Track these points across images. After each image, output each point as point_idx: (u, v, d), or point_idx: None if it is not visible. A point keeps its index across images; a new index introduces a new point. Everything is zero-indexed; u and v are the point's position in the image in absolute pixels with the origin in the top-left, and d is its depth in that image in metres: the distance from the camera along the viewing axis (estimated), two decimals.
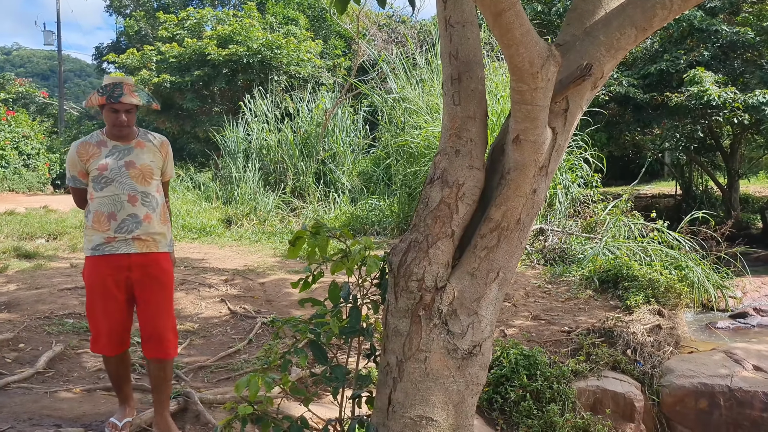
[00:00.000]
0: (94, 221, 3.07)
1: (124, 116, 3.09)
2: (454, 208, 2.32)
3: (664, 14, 2.20)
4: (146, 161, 3.16)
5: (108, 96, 3.04)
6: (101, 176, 3.07)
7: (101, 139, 3.17)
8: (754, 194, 14.06)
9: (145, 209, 3.10)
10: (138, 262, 3.08)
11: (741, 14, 12.15)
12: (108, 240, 3.05)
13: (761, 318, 6.50)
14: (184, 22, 16.53)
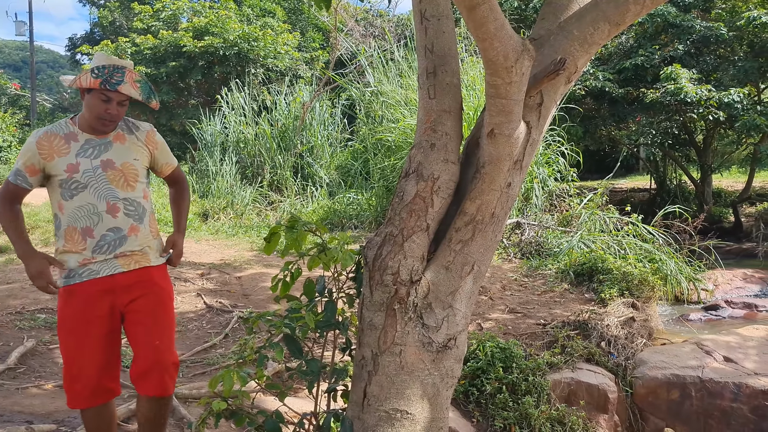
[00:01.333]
0: (66, 240, 2.48)
1: (116, 108, 2.50)
2: (429, 202, 2.32)
3: (636, 9, 2.21)
4: (128, 159, 2.57)
5: (104, 80, 2.45)
6: (71, 180, 2.46)
7: (71, 130, 2.53)
8: (726, 188, 14.30)
9: (130, 220, 2.53)
10: (125, 284, 2.52)
11: (714, 11, 12.31)
12: (84, 262, 2.47)
13: (732, 310, 6.63)
14: (159, 13, 16.31)
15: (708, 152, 12.67)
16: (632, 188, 15.55)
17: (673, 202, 10.66)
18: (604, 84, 11.10)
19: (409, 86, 10.11)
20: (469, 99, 8.88)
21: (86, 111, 2.52)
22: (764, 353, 4.65)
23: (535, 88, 2.23)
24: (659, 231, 7.82)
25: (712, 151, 13.04)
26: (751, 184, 12.58)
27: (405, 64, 10.69)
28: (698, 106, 10.01)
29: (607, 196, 9.36)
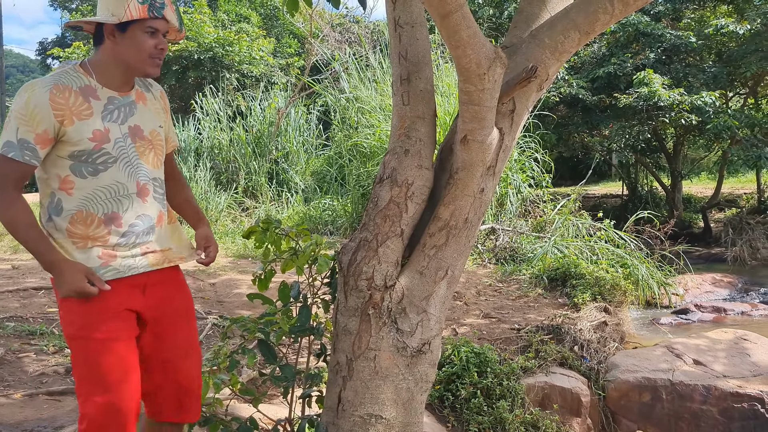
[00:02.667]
0: (74, 229, 1.93)
1: (165, 42, 1.99)
2: (403, 207, 2.34)
3: (605, 18, 2.26)
4: (155, 126, 2.08)
5: (150, 5, 1.92)
6: (98, 152, 1.92)
7: (87, 83, 1.94)
8: (696, 194, 14.56)
9: (159, 206, 2.08)
10: (156, 281, 2.06)
11: (683, 20, 12.56)
12: (106, 257, 1.95)
13: (701, 314, 6.75)
14: None
15: (678, 159, 12.89)
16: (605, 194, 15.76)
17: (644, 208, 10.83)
18: (578, 91, 11.25)
19: (384, 92, 10.15)
20: (444, 105, 8.94)
21: (123, 56, 1.96)
22: (732, 356, 4.74)
23: (508, 95, 2.26)
24: (631, 236, 7.93)
25: (682, 157, 13.27)
26: (720, 191, 12.83)
27: (380, 70, 10.73)
28: (670, 110, 10.19)
29: (580, 202, 9.48)
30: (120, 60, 1.96)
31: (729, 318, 6.70)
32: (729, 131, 9.92)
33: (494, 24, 12.55)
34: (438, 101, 9.02)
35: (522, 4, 2.54)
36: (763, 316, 6.78)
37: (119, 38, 1.94)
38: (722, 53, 11.63)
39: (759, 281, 8.60)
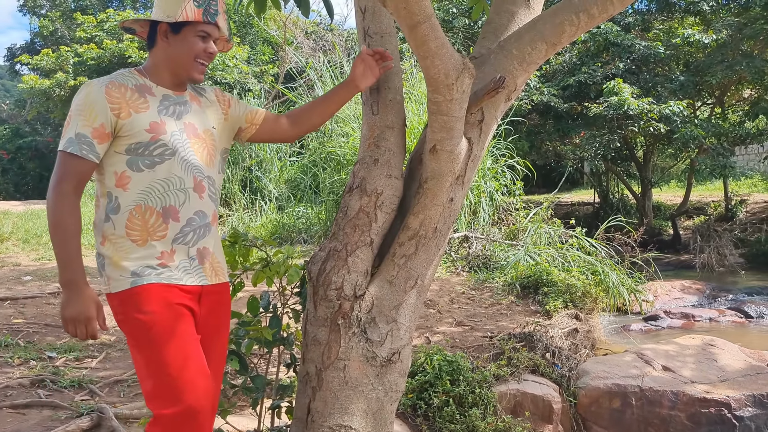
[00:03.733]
0: (131, 225, 1.91)
1: (214, 47, 2.04)
2: (372, 217, 2.33)
3: (572, 30, 2.29)
4: (208, 126, 2.09)
5: (205, 10, 1.98)
6: (155, 144, 1.91)
7: (142, 82, 1.98)
8: (665, 202, 14.80)
9: (213, 206, 2.06)
10: (210, 295, 2.04)
11: (652, 30, 12.80)
12: (163, 257, 1.93)
13: (671, 320, 6.84)
14: (103, 23, 15.98)
15: (648, 167, 13.10)
16: (577, 202, 15.94)
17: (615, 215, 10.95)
18: (550, 99, 11.38)
19: (358, 101, 10.16)
20: (419, 113, 8.97)
21: (173, 57, 1.99)
22: (700, 362, 4.81)
23: (476, 105, 2.28)
24: (602, 244, 8.02)
25: (651, 165, 13.49)
26: (689, 198, 13.06)
27: None
28: (640, 119, 10.36)
29: (553, 210, 9.58)
30: (170, 61, 2.01)
31: (697, 324, 6.81)
32: (696, 140, 10.11)
33: (468, 33, 12.65)
34: (412, 109, 9.08)
35: (491, 16, 2.56)
36: (730, 322, 6.90)
37: (171, 39, 2.00)
38: (690, 63, 11.88)
39: (726, 288, 8.76)
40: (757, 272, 10.11)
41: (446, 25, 12.94)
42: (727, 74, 10.64)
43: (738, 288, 8.77)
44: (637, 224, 11.24)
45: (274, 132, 2.30)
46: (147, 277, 1.90)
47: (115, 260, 1.92)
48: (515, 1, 2.50)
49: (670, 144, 11.32)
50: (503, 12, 2.50)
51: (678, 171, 15.83)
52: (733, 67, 10.47)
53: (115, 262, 1.92)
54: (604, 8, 2.25)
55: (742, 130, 11.13)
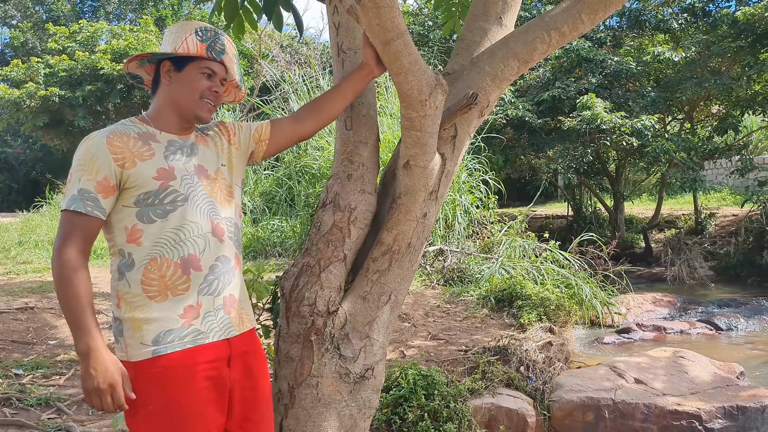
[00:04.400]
0: (148, 282, 1.78)
1: (219, 86, 1.94)
2: (346, 232, 2.33)
3: (543, 48, 2.32)
4: (218, 165, 1.97)
5: (210, 46, 1.90)
6: (165, 191, 1.80)
7: (145, 130, 1.87)
8: (637, 215, 14.99)
9: (234, 249, 1.94)
10: (240, 352, 1.90)
11: (623, 47, 13.03)
12: (187, 313, 1.79)
13: (643, 333, 6.91)
14: (76, 34, 15.82)
15: (620, 181, 13.28)
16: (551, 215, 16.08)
17: (589, 229, 11.11)
18: (524, 114, 11.50)
19: None
20: (393, 128, 9.00)
21: (176, 96, 1.89)
22: (672, 374, 4.86)
23: (449, 121, 2.29)
24: (575, 257, 8.10)
25: (623, 179, 13.68)
26: (660, 212, 13.24)
27: None
28: (612, 133, 10.51)
29: (527, 223, 9.65)
30: (174, 100, 1.90)
31: (669, 337, 6.88)
32: (667, 154, 10.28)
33: (444, 47, 12.76)
34: (388, 123, 9.11)
35: (464, 32, 2.58)
36: (701, 334, 6.99)
37: (175, 77, 1.90)
38: (660, 79, 12.10)
39: (697, 300, 8.88)
40: (727, 285, 10.28)
41: (422, 39, 13.04)
42: (696, 90, 10.85)
43: (708, 300, 8.89)
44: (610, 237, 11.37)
45: (290, 135, 2.17)
46: (170, 345, 1.76)
47: (134, 323, 1.77)
48: (488, 19, 2.52)
49: (641, 158, 11.49)
50: (476, 29, 2.53)
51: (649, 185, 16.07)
52: (702, 84, 10.69)
53: (134, 326, 1.76)
54: (574, 26, 2.29)
55: (710, 145, 11.35)
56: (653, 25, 12.45)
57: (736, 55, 10.48)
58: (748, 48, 10.21)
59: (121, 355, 1.79)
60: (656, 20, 12.34)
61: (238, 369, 1.87)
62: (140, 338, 1.76)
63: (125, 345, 1.78)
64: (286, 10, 3.03)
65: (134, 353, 1.76)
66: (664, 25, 12.19)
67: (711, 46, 10.90)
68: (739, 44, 10.31)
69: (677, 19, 12.21)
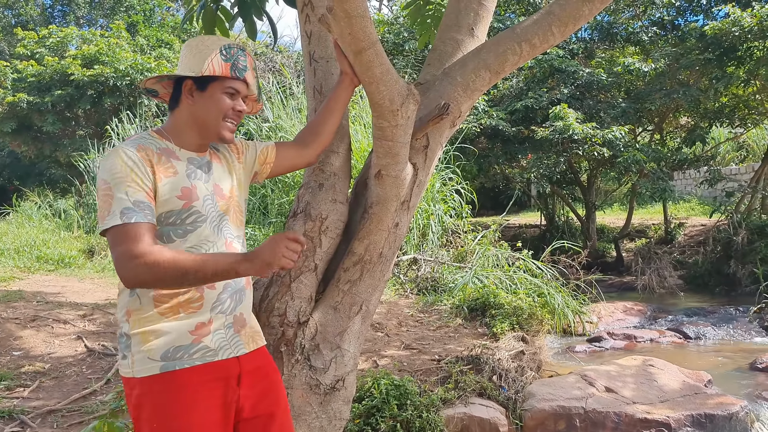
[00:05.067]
0: (161, 301, 1.76)
1: (242, 104, 1.92)
2: (317, 242, 2.31)
3: (514, 59, 2.33)
4: (233, 184, 1.98)
5: (233, 65, 1.87)
6: (188, 211, 1.80)
7: (165, 145, 1.85)
8: (608, 225, 15.18)
9: None
10: (251, 370, 1.88)
11: (595, 58, 13.22)
12: (199, 330, 1.78)
13: (614, 341, 6.97)
14: (45, 39, 15.58)
15: (592, 190, 13.44)
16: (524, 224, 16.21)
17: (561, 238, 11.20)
18: (498, 123, 11.59)
19: None
20: (367, 136, 9.00)
21: (200, 116, 1.87)
22: (641, 382, 4.91)
23: (421, 131, 2.29)
24: (548, 266, 8.15)
25: (595, 189, 13.85)
26: (631, 221, 13.42)
27: (304, 99, 10.72)
28: (584, 143, 10.64)
29: (501, 232, 9.70)
30: (196, 120, 1.87)
31: (639, 345, 6.96)
32: (637, 165, 10.43)
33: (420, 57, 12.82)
34: (363, 133, 9.10)
35: (436, 43, 2.59)
36: (670, 342, 7.07)
37: (197, 97, 1.86)
38: (630, 91, 12.29)
39: (666, 309, 8.99)
40: (695, 294, 10.43)
41: (397, 48, 13.09)
42: (665, 102, 11.04)
43: (677, 309, 9.01)
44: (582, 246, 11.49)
45: (295, 160, 2.18)
46: (179, 361, 1.74)
47: (143, 338, 1.74)
48: (460, 30, 2.54)
49: (612, 168, 11.64)
50: (448, 40, 2.54)
51: (620, 194, 16.29)
52: (671, 96, 10.88)
53: (143, 340, 1.74)
54: (545, 38, 2.31)
55: (679, 156, 11.55)
56: (624, 37, 12.67)
57: (704, 67, 10.69)
58: (715, 61, 10.42)
59: (126, 371, 1.77)
60: (627, 33, 12.56)
61: (250, 386, 1.85)
62: (148, 353, 1.73)
63: (132, 360, 1.75)
64: (258, 18, 3.01)
65: (141, 369, 1.74)
66: (635, 37, 12.42)
67: (680, 58, 11.11)
68: (707, 57, 10.52)
69: (647, 32, 12.44)
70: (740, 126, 12.65)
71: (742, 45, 10.07)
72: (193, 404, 1.73)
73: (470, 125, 11.30)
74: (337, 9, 1.85)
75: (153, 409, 1.72)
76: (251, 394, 1.85)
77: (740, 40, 9.85)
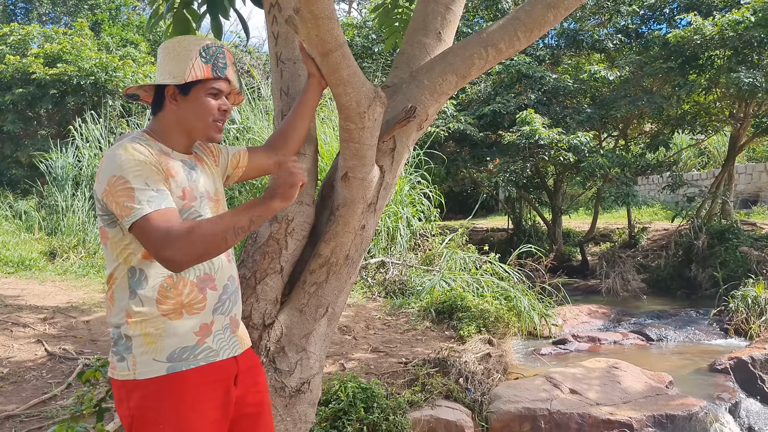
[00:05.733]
0: (166, 297, 1.75)
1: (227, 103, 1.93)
2: (283, 244, 2.30)
3: (480, 64, 2.35)
4: (215, 186, 1.99)
5: (214, 65, 1.86)
6: (189, 210, 1.81)
7: (160, 147, 1.84)
8: (574, 229, 15.39)
9: (235, 269, 1.98)
10: (245, 370, 1.91)
11: (561, 65, 13.42)
12: (202, 331, 1.79)
13: (578, 343, 7.07)
14: (6, 37, 15.22)
15: (558, 195, 13.62)
16: (492, 228, 16.34)
17: (528, 242, 11.32)
18: (466, 127, 11.68)
19: None
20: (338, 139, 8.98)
21: (187, 120, 1.86)
22: (605, 384, 4.98)
23: (388, 133, 2.29)
24: (514, 269, 8.23)
25: (561, 193, 14.03)
26: (596, 225, 13.63)
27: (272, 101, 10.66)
28: (550, 148, 10.78)
29: (468, 236, 9.76)
30: (183, 124, 1.87)
31: (603, 347, 7.06)
32: (602, 170, 10.61)
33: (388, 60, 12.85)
34: (333, 135, 9.08)
35: (404, 46, 2.60)
36: (633, 345, 7.20)
37: (181, 102, 1.85)
38: (596, 97, 12.50)
39: (629, 312, 9.14)
40: (658, 297, 10.63)
41: (366, 52, 13.11)
42: (629, 109, 11.25)
43: (640, 312, 9.17)
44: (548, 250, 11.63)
45: (265, 166, 2.16)
46: (185, 362, 1.75)
47: (146, 339, 1.72)
48: (427, 33, 2.55)
49: (578, 173, 11.81)
50: (416, 43, 2.55)
51: (586, 199, 16.53)
52: (635, 103, 11.09)
53: (147, 342, 1.72)
54: (510, 44, 2.33)
55: (643, 162, 11.78)
56: (590, 44, 12.89)
57: (667, 75, 10.92)
58: (677, 69, 10.65)
59: (125, 374, 1.74)
60: (593, 40, 12.78)
61: (244, 384, 1.89)
62: (153, 355, 1.73)
63: (134, 363, 1.73)
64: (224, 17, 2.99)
65: (145, 370, 1.72)
66: (600, 45, 12.65)
67: (644, 66, 11.33)
68: (670, 65, 10.75)
69: (612, 39, 12.67)
70: (701, 133, 12.96)
71: (703, 53, 10.31)
72: (199, 404, 1.74)
73: (439, 129, 11.37)
74: (304, 10, 1.84)
75: (160, 410, 1.71)
76: (245, 393, 1.89)
77: (702, 48, 10.09)
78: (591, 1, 12.72)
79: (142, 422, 1.72)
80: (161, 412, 1.71)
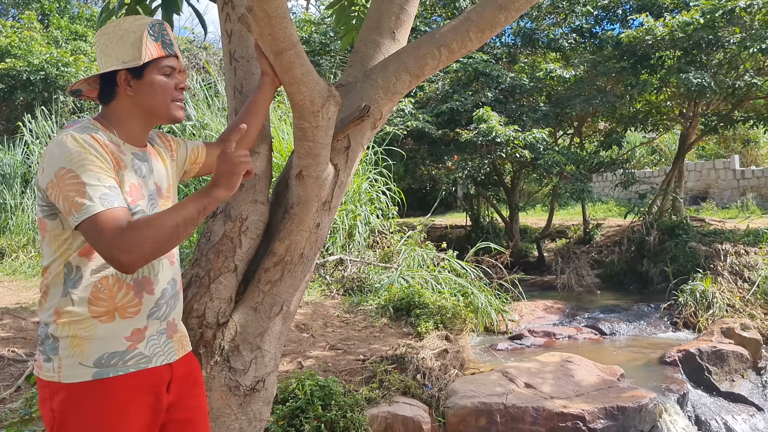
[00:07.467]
0: (96, 300, 1.68)
1: (182, 79, 1.85)
2: (237, 242, 2.29)
3: (434, 63, 2.38)
4: (171, 181, 1.93)
5: (163, 43, 1.80)
6: (135, 208, 1.72)
7: (110, 138, 1.74)
8: (531, 225, 15.63)
9: (179, 271, 1.92)
10: (180, 377, 1.85)
11: (518, 63, 13.60)
12: (134, 336, 1.72)
13: (534, 338, 7.19)
14: None
15: (515, 192, 13.81)
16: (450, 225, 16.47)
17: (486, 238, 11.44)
18: (424, 125, 11.75)
19: None
20: None
21: (146, 104, 1.79)
22: (559, 378, 5.09)
23: (342, 132, 2.30)
24: (472, 266, 8.32)
25: (518, 191, 14.23)
26: (552, 222, 13.86)
27: None
28: (506, 146, 10.92)
29: (427, 233, 9.82)
30: (141, 110, 1.79)
31: (558, 342, 7.20)
32: (557, 167, 10.79)
33: (345, 57, 12.82)
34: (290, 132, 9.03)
35: (358, 45, 2.61)
36: (587, 339, 7.36)
37: (136, 86, 1.77)
38: (551, 95, 12.71)
39: (584, 307, 9.34)
40: (611, 291, 10.88)
41: (324, 48, 13.07)
42: (584, 107, 11.47)
43: (594, 307, 9.37)
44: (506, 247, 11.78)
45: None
46: (113, 368, 1.67)
47: (73, 342, 1.65)
48: (381, 33, 2.56)
49: (534, 170, 11.99)
50: (370, 42, 2.56)
51: (542, 196, 16.80)
52: (590, 101, 11.31)
53: (73, 344, 1.65)
54: (463, 44, 2.36)
55: (597, 159, 12.03)
56: (545, 43, 13.10)
57: (620, 75, 11.16)
58: (630, 69, 10.90)
59: (49, 375, 1.67)
60: (548, 39, 13.00)
61: (178, 391, 1.83)
62: (80, 358, 1.65)
63: (59, 365, 1.66)
64: (177, 13, 2.95)
65: (70, 374, 1.65)
66: (556, 44, 12.86)
67: (597, 65, 11.56)
68: (623, 65, 10.99)
69: (567, 39, 12.90)
70: (653, 131, 13.30)
71: (654, 54, 10.57)
72: (125, 412, 1.67)
73: (397, 127, 11.41)
74: (257, 9, 1.84)
75: (82, 417, 1.65)
76: (178, 399, 1.83)
77: (653, 48, 10.35)
78: (546, 1, 12.93)
79: (63, 426, 1.66)
80: (83, 418, 1.65)
